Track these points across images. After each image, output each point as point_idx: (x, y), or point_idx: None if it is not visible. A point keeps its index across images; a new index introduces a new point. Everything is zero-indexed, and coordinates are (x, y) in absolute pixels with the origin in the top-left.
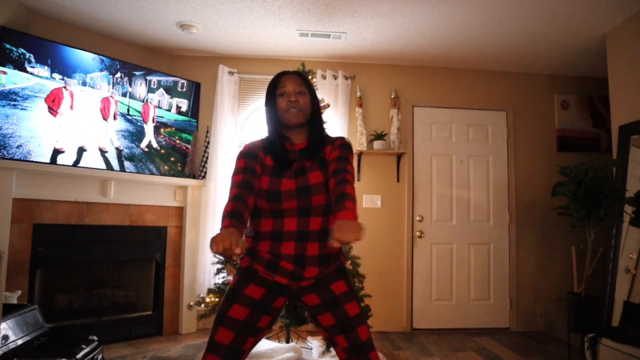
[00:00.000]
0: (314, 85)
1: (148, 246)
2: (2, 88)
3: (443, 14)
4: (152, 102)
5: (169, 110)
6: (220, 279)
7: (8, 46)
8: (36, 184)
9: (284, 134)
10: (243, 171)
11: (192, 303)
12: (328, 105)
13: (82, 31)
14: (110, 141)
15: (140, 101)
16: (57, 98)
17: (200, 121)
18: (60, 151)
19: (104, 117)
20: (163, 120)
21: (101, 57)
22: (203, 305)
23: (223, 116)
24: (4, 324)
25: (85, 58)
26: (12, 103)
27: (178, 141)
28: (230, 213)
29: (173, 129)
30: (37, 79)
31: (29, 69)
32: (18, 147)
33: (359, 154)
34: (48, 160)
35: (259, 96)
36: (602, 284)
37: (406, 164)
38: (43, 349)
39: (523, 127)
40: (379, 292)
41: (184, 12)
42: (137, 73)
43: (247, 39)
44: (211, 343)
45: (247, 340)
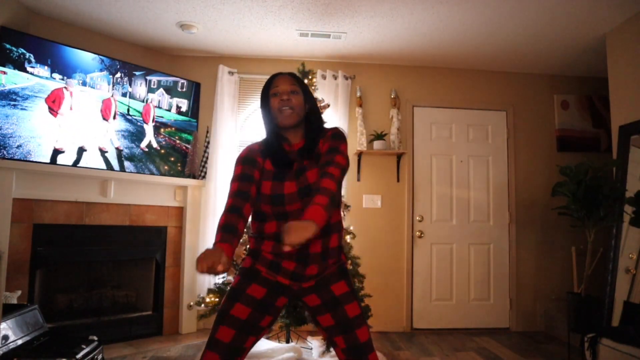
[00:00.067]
0: (314, 85)
1: (148, 246)
2: (2, 88)
3: (443, 14)
4: (152, 102)
5: (169, 110)
6: (220, 279)
7: (8, 46)
8: (36, 184)
9: (282, 135)
10: (240, 179)
11: (192, 303)
12: (328, 105)
13: (82, 31)
14: (110, 141)
15: (140, 101)
16: (58, 98)
17: (200, 121)
18: (60, 151)
19: (105, 118)
20: (163, 120)
21: (101, 57)
22: (203, 305)
23: (223, 116)
24: (4, 324)
25: (85, 58)
26: (12, 103)
27: (178, 141)
28: (222, 227)
29: (173, 129)
30: (37, 79)
31: (29, 69)
32: (18, 147)
33: (359, 154)
34: (48, 160)
35: (259, 96)
36: (602, 284)
37: (406, 164)
38: (43, 349)
39: (523, 127)
40: (379, 292)
41: (184, 12)
42: (137, 73)
43: (247, 39)
44: (211, 341)
45: (248, 339)
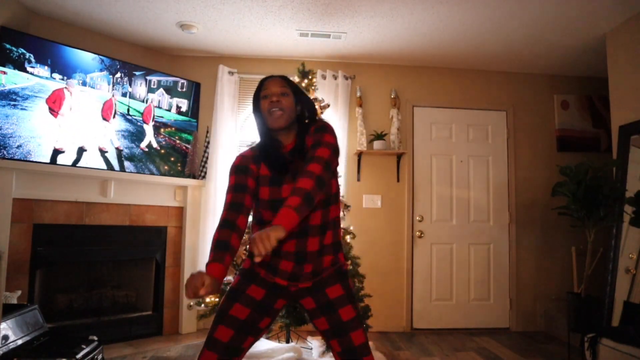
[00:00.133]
0: (314, 85)
1: (148, 246)
2: (2, 88)
3: (443, 14)
4: (152, 102)
5: (169, 110)
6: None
7: (8, 46)
8: (36, 184)
9: (275, 138)
10: (233, 189)
11: (192, 303)
12: (328, 105)
13: (82, 31)
14: (110, 141)
15: (140, 101)
16: (59, 99)
17: (200, 121)
18: (60, 151)
19: (105, 118)
20: (163, 120)
21: (101, 57)
22: (203, 305)
23: (223, 116)
24: (4, 324)
25: (85, 58)
26: (12, 103)
27: (178, 141)
28: (215, 244)
29: (173, 129)
30: (37, 79)
31: (29, 69)
32: (18, 147)
33: (359, 154)
34: (48, 160)
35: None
36: (602, 284)
37: (406, 164)
38: (43, 349)
39: (523, 127)
40: (379, 292)
41: (184, 12)
42: (137, 73)
43: (247, 39)
44: (209, 340)
45: (247, 339)
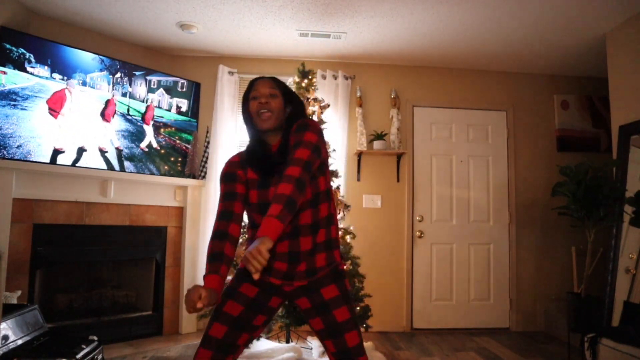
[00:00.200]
0: (314, 85)
1: (148, 246)
2: (2, 88)
3: (443, 14)
4: (152, 103)
5: (169, 110)
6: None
7: (8, 46)
8: (36, 184)
9: (263, 139)
10: (223, 198)
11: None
12: (328, 105)
13: (82, 31)
14: (110, 141)
15: (140, 101)
16: (60, 100)
17: (200, 121)
18: (60, 151)
19: (107, 119)
20: (163, 120)
21: (101, 57)
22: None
23: (223, 116)
24: (4, 324)
25: (85, 58)
26: (12, 103)
27: (178, 141)
28: (209, 257)
29: (173, 129)
30: (37, 79)
31: (29, 69)
32: (18, 147)
33: (359, 154)
34: (48, 160)
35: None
36: (602, 284)
37: (406, 164)
38: (43, 349)
39: (523, 127)
40: (379, 292)
41: (184, 12)
42: (137, 73)
43: (247, 39)
44: (205, 338)
45: (241, 336)
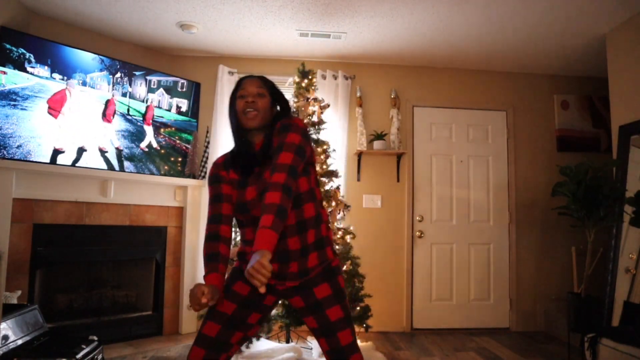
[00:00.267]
0: (314, 85)
1: (148, 246)
2: (2, 88)
3: (443, 14)
4: (152, 103)
5: (169, 110)
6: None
7: (8, 46)
8: (36, 184)
9: (246, 139)
10: (211, 201)
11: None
12: (328, 105)
13: (82, 31)
14: (110, 141)
15: (140, 101)
16: (61, 100)
17: (200, 121)
18: (60, 151)
19: (107, 119)
20: (163, 120)
21: (101, 57)
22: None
23: (223, 116)
24: (4, 324)
25: (85, 58)
26: (12, 103)
27: (178, 141)
28: (206, 257)
29: (173, 129)
30: (37, 79)
31: (29, 69)
32: (18, 147)
33: (359, 154)
34: (48, 160)
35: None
36: (602, 284)
37: (406, 164)
38: (43, 349)
39: (523, 127)
40: (379, 292)
41: (184, 12)
42: (137, 73)
43: (247, 39)
44: (198, 336)
45: (234, 334)
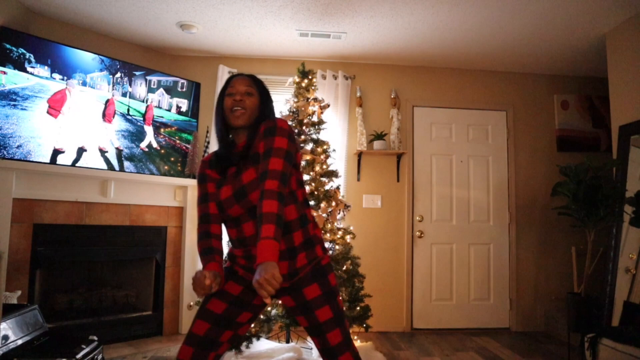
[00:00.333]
0: (314, 85)
1: (148, 246)
2: (2, 88)
3: (443, 14)
4: (152, 103)
5: (169, 110)
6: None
7: (8, 46)
8: (36, 184)
9: (227, 138)
10: (199, 201)
11: (192, 303)
12: (328, 105)
13: (82, 31)
14: (110, 141)
15: (140, 101)
16: (61, 100)
17: (200, 121)
18: (60, 151)
19: (107, 119)
20: (163, 120)
21: (101, 57)
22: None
23: None
24: (4, 324)
25: (85, 58)
26: (12, 103)
27: (178, 141)
28: (201, 253)
29: (173, 129)
30: (37, 79)
31: (29, 69)
32: (18, 147)
33: (359, 154)
34: (48, 160)
35: None
36: (602, 284)
37: (406, 164)
38: (43, 349)
39: (523, 127)
40: (379, 292)
41: (184, 12)
42: (137, 73)
43: (247, 39)
44: (188, 335)
45: (224, 333)
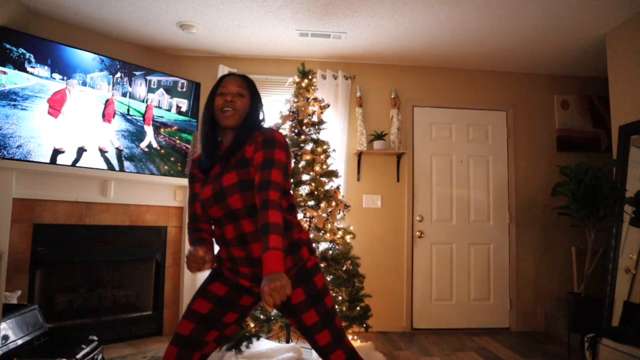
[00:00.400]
0: (314, 85)
1: (148, 246)
2: (2, 88)
3: (443, 14)
4: (152, 103)
5: (169, 110)
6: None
7: (8, 46)
8: (36, 184)
9: (217, 136)
10: (189, 201)
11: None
12: (328, 105)
13: (82, 31)
14: (110, 141)
15: (140, 101)
16: (61, 100)
17: (200, 121)
18: (60, 151)
19: (107, 119)
20: (163, 120)
21: (101, 57)
22: None
23: None
24: (4, 324)
25: (85, 58)
26: (12, 103)
27: (178, 141)
28: (192, 243)
29: (173, 129)
30: (37, 79)
31: (29, 69)
32: (18, 147)
33: (359, 154)
34: (48, 160)
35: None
36: (602, 284)
37: (406, 164)
38: (43, 349)
39: (523, 127)
40: (379, 292)
41: (184, 12)
42: (137, 73)
43: (247, 39)
44: (173, 335)
45: (209, 333)
